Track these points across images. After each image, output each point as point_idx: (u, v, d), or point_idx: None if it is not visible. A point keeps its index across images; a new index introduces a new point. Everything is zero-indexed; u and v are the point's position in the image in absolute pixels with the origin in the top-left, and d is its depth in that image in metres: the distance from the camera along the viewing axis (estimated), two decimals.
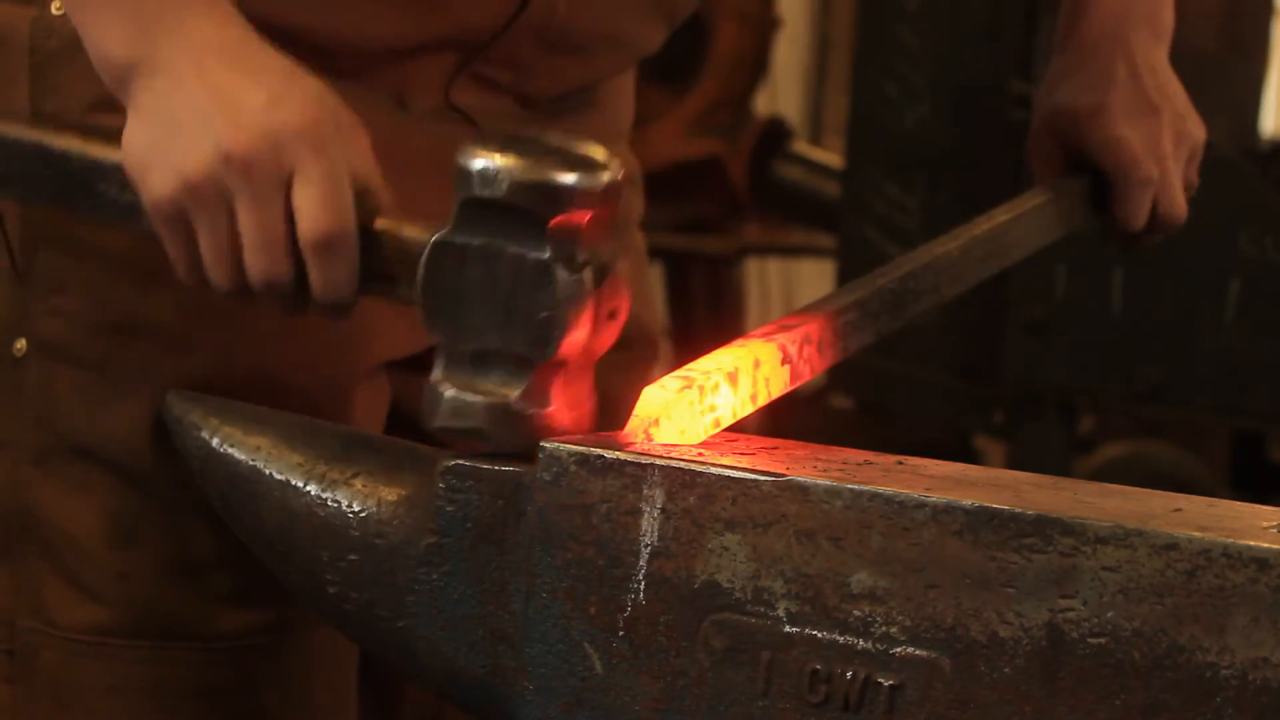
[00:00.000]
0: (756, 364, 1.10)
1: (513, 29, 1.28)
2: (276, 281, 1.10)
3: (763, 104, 5.63)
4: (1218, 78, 3.82)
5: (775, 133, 5.11)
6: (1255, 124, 4.17)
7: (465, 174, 1.04)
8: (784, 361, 1.12)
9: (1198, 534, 0.88)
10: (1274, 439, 4.21)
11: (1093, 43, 1.48)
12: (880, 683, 0.95)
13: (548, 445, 1.03)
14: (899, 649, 0.94)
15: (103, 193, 1.15)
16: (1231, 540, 0.88)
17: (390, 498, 1.12)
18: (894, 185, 3.85)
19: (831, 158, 5.07)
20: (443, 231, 1.06)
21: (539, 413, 1.05)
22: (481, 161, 1.03)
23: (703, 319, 5.09)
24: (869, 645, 0.95)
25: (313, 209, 1.08)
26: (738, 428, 1.10)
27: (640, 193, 1.53)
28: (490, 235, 1.04)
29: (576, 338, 1.04)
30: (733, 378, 1.08)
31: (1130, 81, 1.46)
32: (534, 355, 1.04)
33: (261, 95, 1.09)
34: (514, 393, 1.05)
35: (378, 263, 1.10)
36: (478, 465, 1.07)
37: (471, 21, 1.28)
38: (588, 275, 1.04)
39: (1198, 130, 1.50)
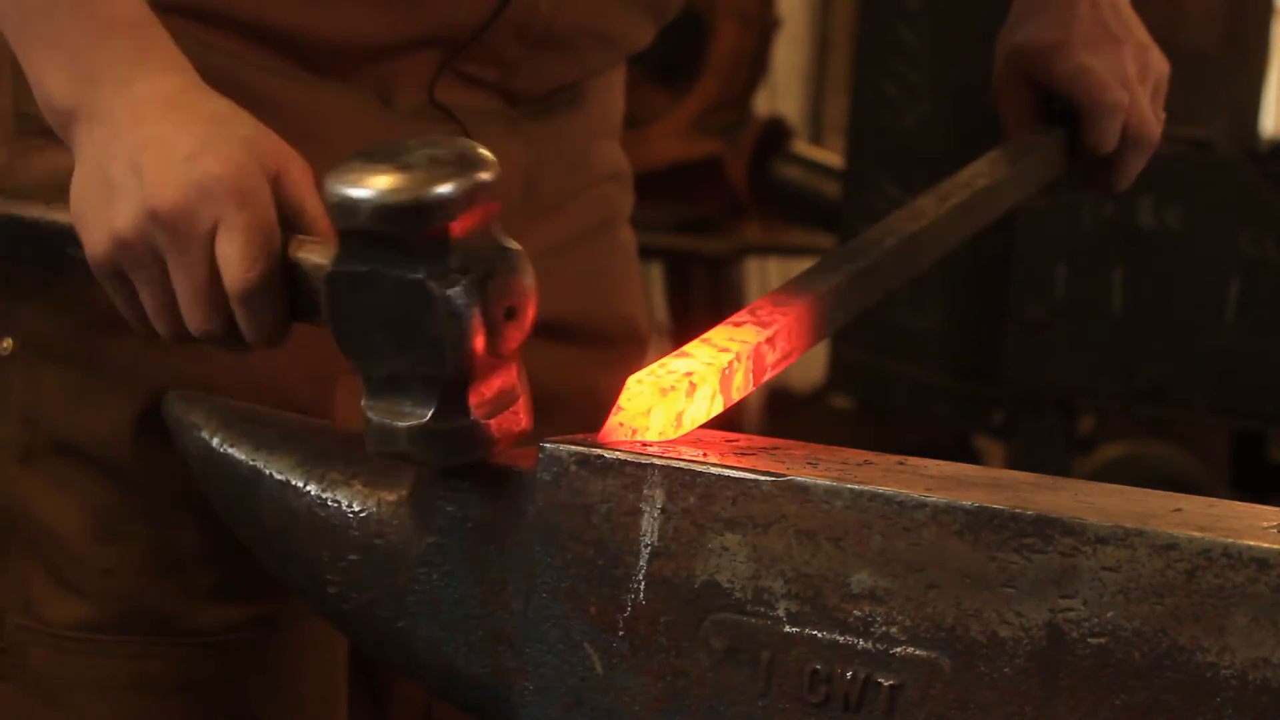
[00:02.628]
0: (737, 356, 1.09)
1: (495, 26, 1.28)
2: (212, 331, 1.10)
3: (763, 104, 5.63)
4: (1218, 78, 3.82)
5: (775, 133, 5.12)
6: (1255, 124, 4.18)
7: (329, 204, 1.01)
8: (761, 351, 1.11)
9: (1198, 534, 0.88)
10: (1274, 439, 4.22)
11: None
12: (880, 683, 0.95)
13: (548, 445, 1.03)
14: (899, 649, 0.94)
15: (72, 255, 1.15)
16: (1231, 540, 0.87)
17: (390, 498, 1.12)
18: (894, 185, 3.85)
19: (831, 158, 5.08)
20: (331, 261, 1.04)
21: (460, 426, 1.04)
22: (338, 191, 1.00)
23: (703, 319, 5.09)
24: (869, 645, 0.95)
25: (234, 262, 1.07)
26: (736, 426, 1.09)
27: (630, 190, 1.53)
28: (369, 262, 1.02)
29: (470, 349, 1.02)
30: (713, 369, 1.07)
31: (1092, 14, 1.45)
32: (435, 373, 1.02)
33: (188, 144, 1.08)
34: (428, 413, 1.03)
35: (306, 294, 1.09)
36: (478, 465, 1.07)
37: (452, 19, 1.28)
38: (467, 285, 1.01)
39: (1161, 63, 1.49)
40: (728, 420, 1.10)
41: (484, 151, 1.02)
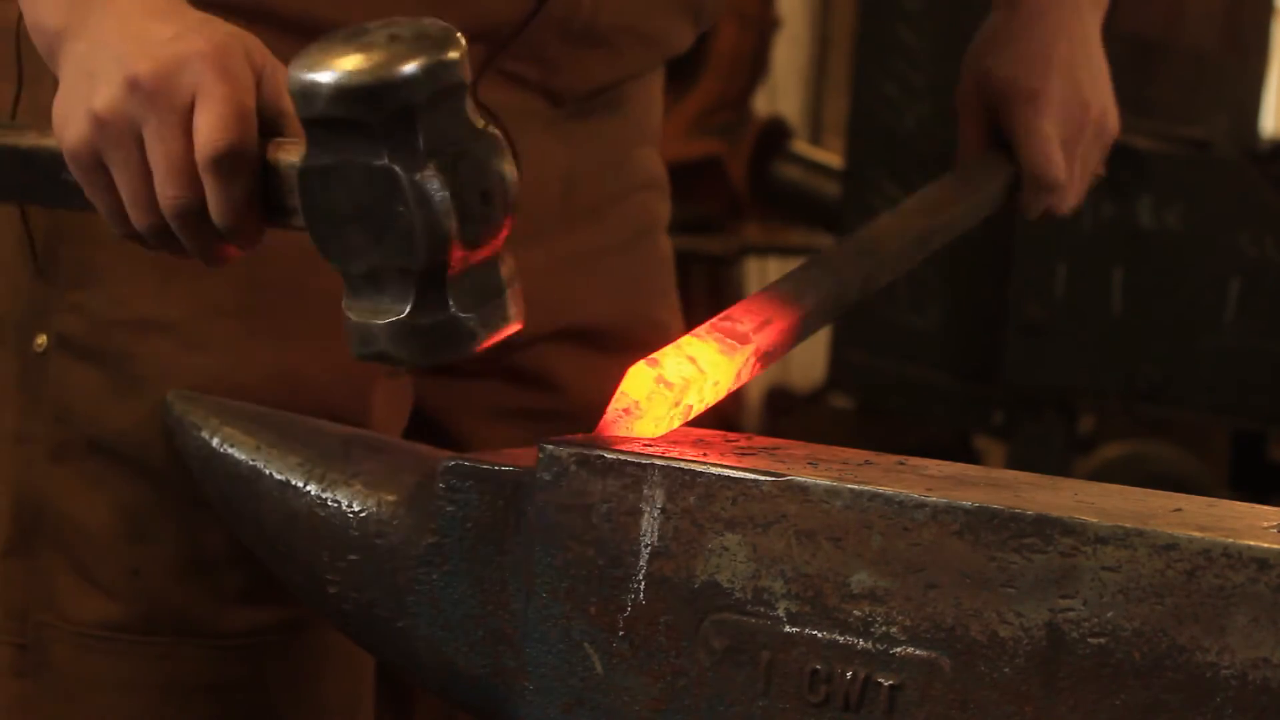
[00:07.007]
0: (709, 328, 1.10)
1: (536, 21, 1.28)
2: (185, 210, 1.07)
3: (763, 104, 5.63)
4: (1218, 78, 3.82)
5: (775, 133, 5.11)
6: (1255, 124, 4.18)
7: (291, 94, 0.99)
8: (734, 327, 1.12)
9: (1198, 534, 0.88)
10: (1274, 439, 4.22)
11: (1040, 7, 1.46)
12: (880, 683, 0.95)
13: (548, 445, 1.03)
14: (899, 649, 0.94)
15: (65, 180, 1.13)
16: (1231, 540, 0.88)
17: (390, 498, 1.12)
18: (894, 185, 3.85)
19: (831, 158, 5.07)
20: (301, 157, 1.02)
21: (438, 321, 1.01)
22: (297, 78, 0.98)
23: (703, 319, 5.09)
24: (869, 645, 0.95)
25: (209, 128, 1.05)
26: (736, 426, 1.10)
27: (667, 198, 1.53)
28: (335, 152, 1.00)
29: (443, 236, 0.99)
30: (700, 366, 1.08)
31: (1068, 67, 1.44)
32: (410, 264, 1.00)
33: (171, 30, 1.08)
34: (405, 308, 1.00)
35: (279, 194, 1.06)
36: (478, 465, 1.07)
37: (494, 13, 1.28)
38: (433, 169, 0.98)
39: (1115, 126, 1.49)
40: (728, 420, 1.11)
41: (449, 29, 0.99)
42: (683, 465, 0.99)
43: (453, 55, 0.98)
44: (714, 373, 1.09)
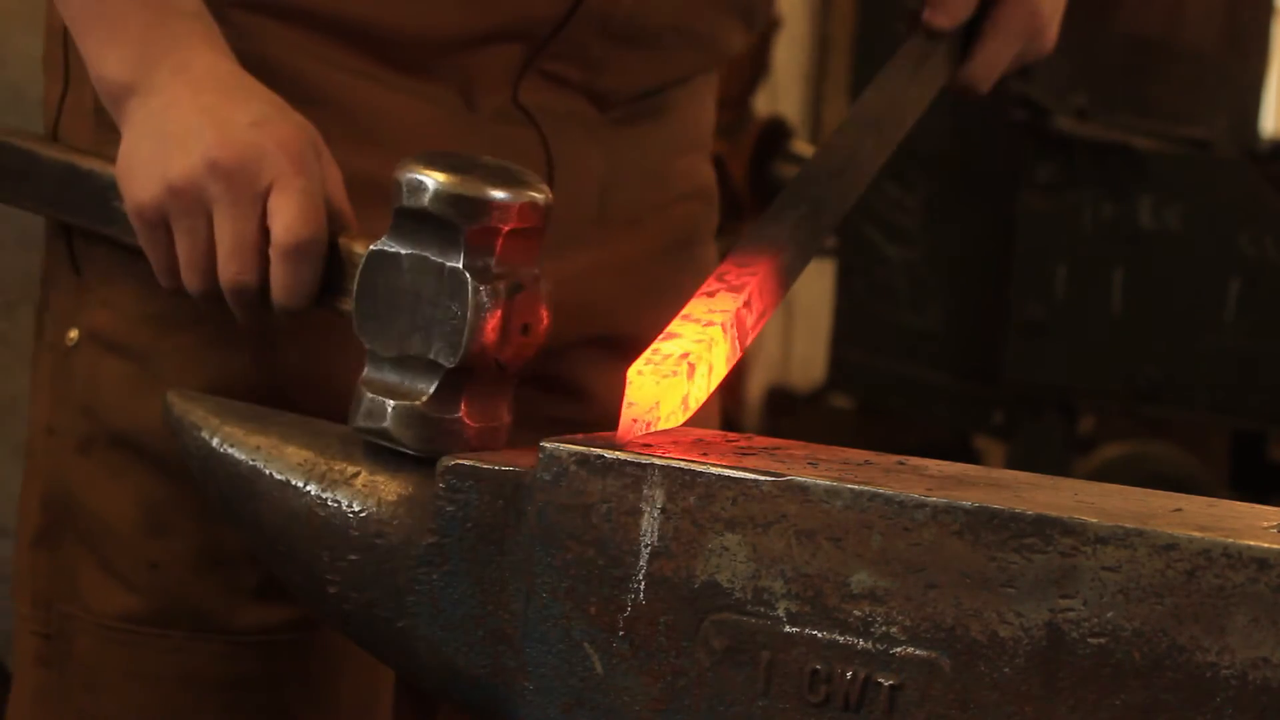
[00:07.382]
0: (722, 325, 1.10)
1: (576, 18, 1.27)
2: (245, 287, 1.15)
3: (763, 104, 5.63)
4: (1218, 78, 3.82)
5: (775, 133, 5.11)
6: (1255, 124, 4.18)
7: (397, 184, 1.09)
8: (741, 316, 1.13)
9: (1198, 534, 0.88)
10: (1274, 439, 4.22)
11: None
12: (880, 683, 0.95)
13: (548, 445, 1.03)
14: (899, 649, 0.94)
15: (116, 207, 1.22)
16: (1231, 540, 0.87)
17: (390, 498, 1.12)
18: (894, 185, 3.85)
19: None
20: (380, 241, 1.11)
21: (445, 418, 1.10)
22: (411, 173, 1.09)
23: None
24: (869, 645, 0.95)
25: (290, 217, 1.13)
26: (736, 426, 1.10)
27: (715, 207, 1.51)
28: (416, 244, 1.10)
29: (484, 345, 1.09)
30: (703, 345, 1.08)
31: None
32: (443, 360, 1.09)
33: (249, 115, 1.15)
34: (422, 397, 1.10)
35: (336, 276, 1.16)
36: (478, 465, 1.07)
37: (531, 9, 1.27)
38: (500, 287, 1.09)
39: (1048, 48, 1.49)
40: (728, 420, 1.11)
41: (542, 184, 1.11)
42: (683, 465, 0.99)
43: (541, 199, 1.11)
44: (718, 379, 1.10)
